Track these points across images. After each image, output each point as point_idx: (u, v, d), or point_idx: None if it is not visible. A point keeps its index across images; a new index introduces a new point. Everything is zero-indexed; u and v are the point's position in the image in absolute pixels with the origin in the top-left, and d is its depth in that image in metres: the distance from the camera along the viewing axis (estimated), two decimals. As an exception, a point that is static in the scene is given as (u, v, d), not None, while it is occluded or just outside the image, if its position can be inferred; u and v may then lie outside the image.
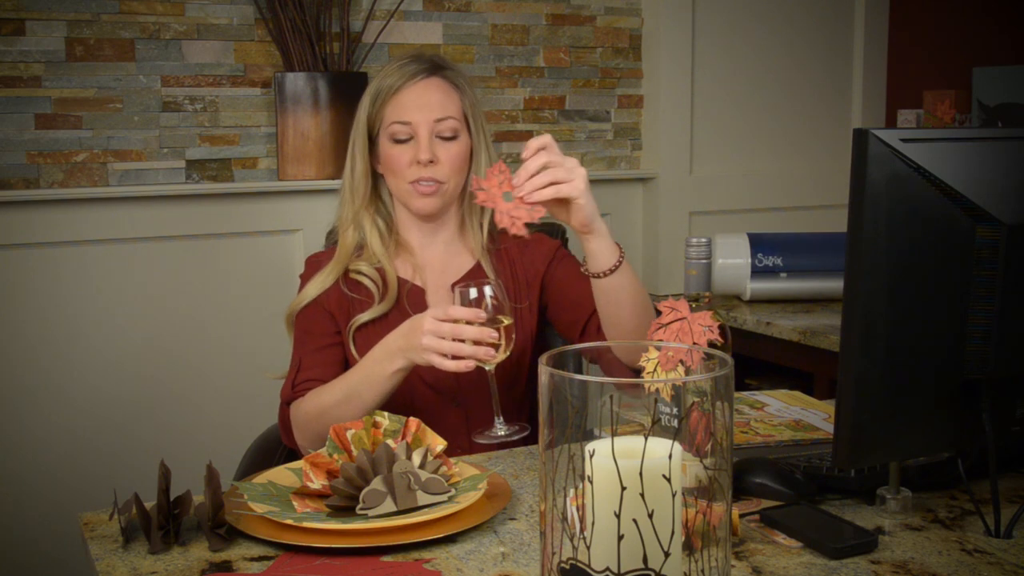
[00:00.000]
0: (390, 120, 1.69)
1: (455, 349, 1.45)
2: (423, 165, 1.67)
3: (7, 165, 2.41)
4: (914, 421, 1.18)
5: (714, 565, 0.83)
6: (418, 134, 1.68)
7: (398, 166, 1.69)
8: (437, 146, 1.69)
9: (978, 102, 2.95)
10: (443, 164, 1.69)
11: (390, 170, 1.71)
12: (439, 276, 1.76)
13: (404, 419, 1.36)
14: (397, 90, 1.69)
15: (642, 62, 3.08)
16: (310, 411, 1.60)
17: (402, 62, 1.72)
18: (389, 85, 1.70)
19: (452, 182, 1.71)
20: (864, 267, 1.10)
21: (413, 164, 1.68)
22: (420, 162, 1.67)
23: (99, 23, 2.46)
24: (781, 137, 3.27)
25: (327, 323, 1.70)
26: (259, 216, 2.62)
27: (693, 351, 1.04)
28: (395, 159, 1.69)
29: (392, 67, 1.72)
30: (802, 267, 2.79)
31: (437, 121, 1.68)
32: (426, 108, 1.68)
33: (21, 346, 2.43)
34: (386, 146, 1.71)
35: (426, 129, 1.68)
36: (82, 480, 2.47)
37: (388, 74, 1.72)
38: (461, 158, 1.71)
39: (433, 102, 1.69)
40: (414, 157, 1.68)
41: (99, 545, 1.20)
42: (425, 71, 1.71)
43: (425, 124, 1.68)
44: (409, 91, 1.69)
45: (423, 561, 1.14)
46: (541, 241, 1.84)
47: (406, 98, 1.69)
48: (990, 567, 1.11)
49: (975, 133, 1.25)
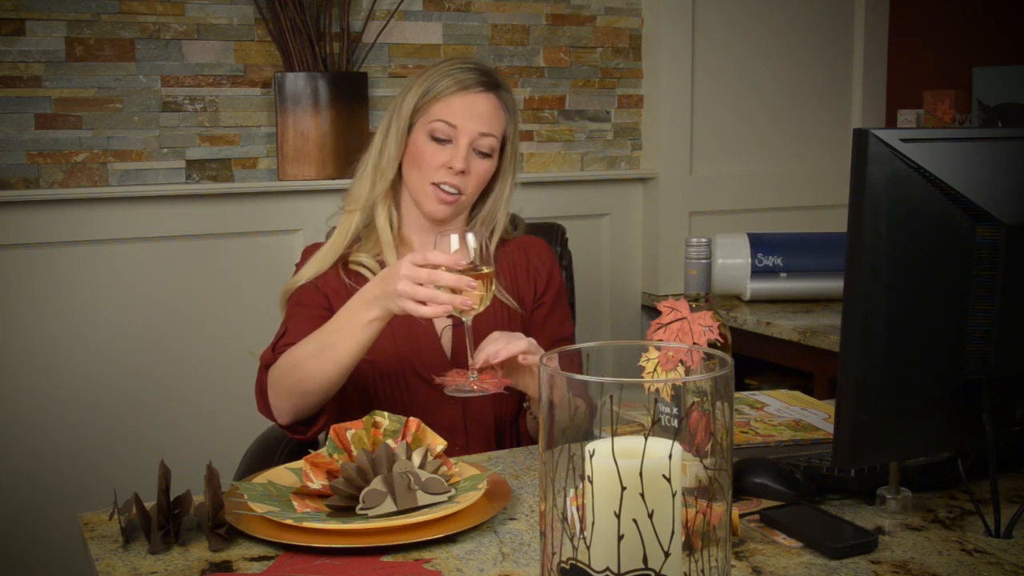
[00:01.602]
0: (436, 116, 1.68)
1: (430, 296, 1.40)
2: (454, 172, 1.67)
3: (7, 165, 2.41)
4: (914, 421, 1.18)
5: (714, 565, 0.83)
6: (458, 140, 1.68)
7: (428, 164, 1.68)
8: (471, 158, 1.69)
9: (978, 102, 2.95)
10: (471, 177, 1.69)
11: (417, 164, 1.70)
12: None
13: (404, 419, 1.36)
14: (453, 92, 1.69)
15: (642, 62, 3.08)
16: (283, 366, 1.55)
17: (465, 66, 1.71)
18: (446, 87, 1.69)
19: (470, 196, 1.72)
20: (864, 267, 1.10)
21: (444, 168, 1.67)
22: (452, 168, 1.67)
23: (99, 23, 2.46)
24: (781, 137, 3.27)
25: (321, 300, 1.69)
26: (259, 216, 2.62)
27: (693, 351, 1.04)
28: (428, 156, 1.68)
29: (453, 66, 1.71)
30: (802, 267, 2.79)
31: (481, 135, 1.69)
32: (476, 119, 1.68)
33: (21, 346, 2.43)
34: (421, 140, 1.69)
35: (467, 138, 1.68)
36: (82, 480, 2.46)
37: (447, 73, 1.70)
38: (487, 176, 1.72)
39: (484, 115, 1.69)
40: (447, 162, 1.67)
41: (99, 545, 1.20)
42: (486, 84, 1.71)
43: (469, 134, 1.68)
44: (465, 97, 1.69)
45: (423, 561, 1.14)
46: (543, 247, 1.85)
47: (459, 103, 1.68)
48: (990, 567, 1.11)
49: (975, 133, 1.25)
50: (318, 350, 1.51)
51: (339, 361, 1.50)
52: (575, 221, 2.79)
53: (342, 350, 1.49)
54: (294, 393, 1.54)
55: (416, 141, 1.70)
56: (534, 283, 1.80)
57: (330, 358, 1.50)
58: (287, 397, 1.56)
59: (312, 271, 1.71)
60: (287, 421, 1.59)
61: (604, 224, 3.07)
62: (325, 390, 1.53)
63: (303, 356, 1.53)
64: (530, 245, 1.84)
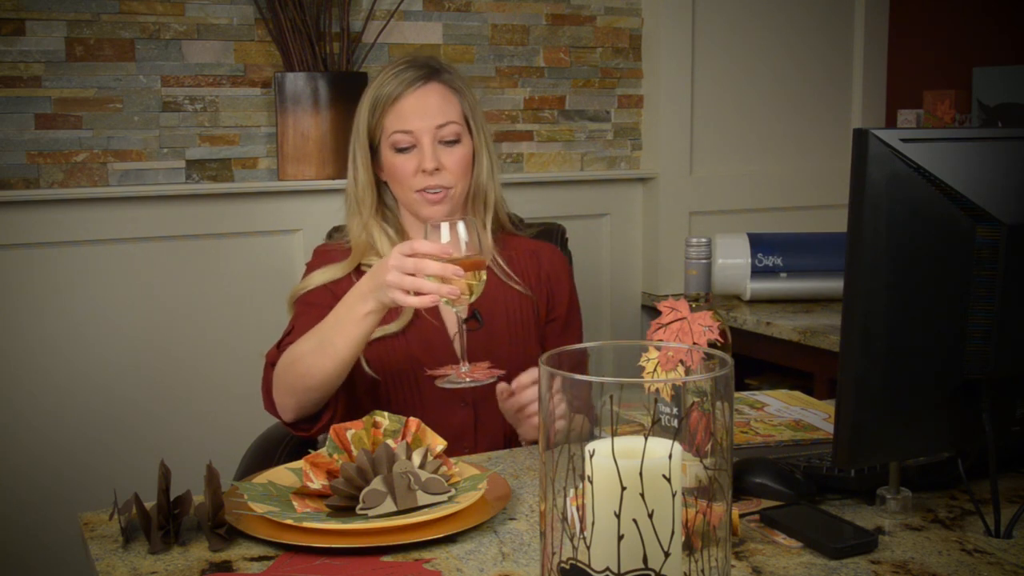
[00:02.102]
0: (391, 130, 1.67)
1: (416, 285, 1.39)
2: (428, 174, 1.66)
3: (7, 165, 2.41)
4: (914, 421, 1.18)
5: (714, 565, 0.83)
6: (420, 142, 1.66)
7: (403, 176, 1.68)
8: (441, 152, 1.67)
9: (978, 102, 2.95)
10: (448, 170, 1.68)
11: (395, 180, 1.70)
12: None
13: (404, 419, 1.36)
14: (396, 98, 1.67)
15: (642, 62, 3.08)
16: (285, 362, 1.56)
17: (398, 68, 1.69)
18: (387, 94, 1.68)
19: (458, 187, 1.70)
20: (864, 267, 1.10)
21: (418, 173, 1.66)
22: (425, 171, 1.66)
23: (99, 23, 2.46)
24: (781, 137, 3.27)
25: (331, 300, 1.66)
26: (259, 216, 2.62)
27: (693, 351, 1.04)
28: (399, 168, 1.68)
29: (389, 74, 1.69)
30: (802, 267, 2.79)
31: (439, 127, 1.67)
32: (427, 115, 1.67)
33: (21, 346, 2.43)
34: (389, 156, 1.69)
35: (428, 136, 1.66)
36: (82, 480, 2.46)
37: (385, 82, 1.69)
38: (465, 162, 1.70)
39: (433, 108, 1.67)
40: (418, 166, 1.66)
41: (99, 545, 1.20)
42: (423, 77, 1.68)
43: (427, 132, 1.66)
44: (408, 99, 1.67)
45: (423, 561, 1.14)
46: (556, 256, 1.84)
47: (405, 106, 1.67)
48: (990, 567, 1.11)
49: (975, 133, 1.25)
50: (317, 346, 1.51)
51: (337, 356, 1.49)
52: (575, 221, 2.79)
53: (340, 345, 1.49)
54: (296, 389, 1.54)
55: (386, 159, 1.70)
56: (548, 294, 1.80)
57: (328, 353, 1.50)
58: (290, 393, 1.56)
59: (324, 277, 1.70)
60: (291, 418, 1.59)
61: (604, 224, 3.07)
62: (325, 386, 1.53)
63: (303, 352, 1.53)
64: (541, 250, 1.83)
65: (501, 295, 1.74)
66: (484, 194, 1.76)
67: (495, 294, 1.73)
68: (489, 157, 1.75)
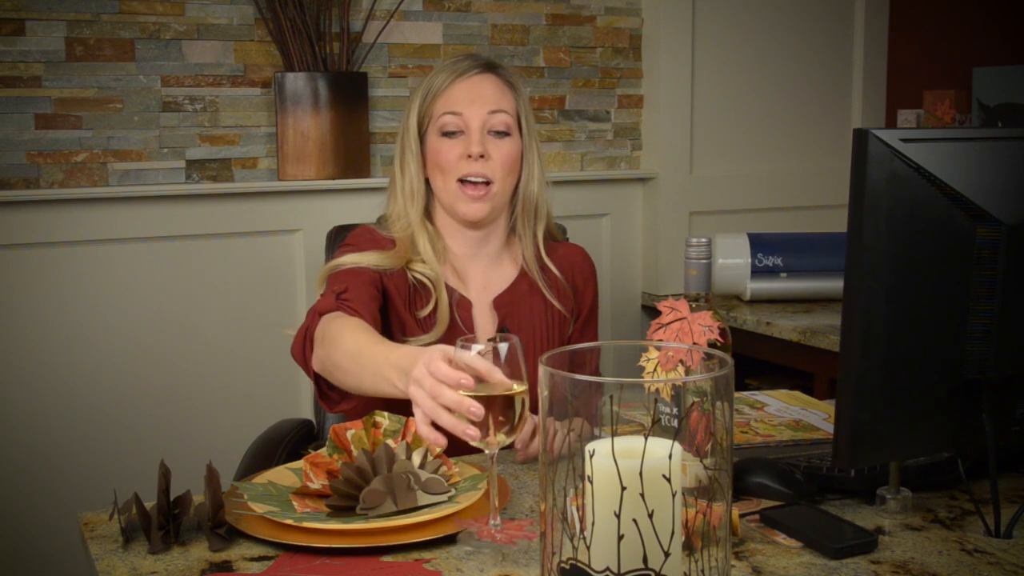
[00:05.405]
0: (440, 112, 1.63)
1: (433, 413, 1.16)
2: (474, 159, 1.60)
3: (7, 165, 2.41)
4: (914, 421, 1.18)
5: (714, 565, 0.83)
6: (469, 127, 1.62)
7: (447, 161, 1.62)
8: (489, 142, 1.62)
9: (978, 102, 2.95)
10: (494, 161, 1.62)
11: (438, 167, 1.64)
12: (481, 292, 1.70)
13: (404, 419, 1.36)
14: (448, 85, 1.63)
15: (642, 62, 3.08)
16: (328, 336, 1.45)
17: (454, 60, 1.67)
18: (441, 82, 1.64)
19: (501, 184, 1.64)
20: (864, 267, 1.10)
21: (463, 159, 1.61)
22: (471, 156, 1.60)
23: (99, 23, 2.46)
24: (781, 137, 3.27)
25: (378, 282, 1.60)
26: (259, 216, 2.62)
27: (693, 351, 1.04)
28: (444, 153, 1.62)
29: (444, 65, 1.67)
30: (802, 267, 2.79)
31: (490, 113, 1.62)
32: (479, 100, 1.62)
33: (21, 346, 2.43)
34: (434, 141, 1.64)
35: (478, 122, 1.61)
36: (82, 480, 2.46)
37: (439, 71, 1.66)
38: (512, 158, 1.64)
39: (488, 94, 1.63)
40: (464, 151, 1.61)
41: (99, 545, 1.20)
42: (479, 67, 1.65)
43: (477, 117, 1.61)
44: (461, 84, 1.63)
45: (423, 561, 1.14)
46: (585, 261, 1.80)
47: (458, 91, 1.63)
48: (990, 567, 1.11)
49: (975, 133, 1.25)
50: (351, 364, 1.40)
51: (362, 388, 1.41)
52: (575, 221, 2.79)
53: (367, 386, 1.39)
54: (325, 365, 1.46)
55: (431, 145, 1.64)
56: (575, 298, 1.77)
57: (354, 380, 1.40)
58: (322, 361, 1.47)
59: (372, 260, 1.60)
60: (319, 368, 1.49)
61: (604, 224, 3.07)
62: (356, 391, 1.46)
63: (339, 358, 1.43)
64: (574, 254, 1.80)
65: (540, 307, 1.72)
66: (535, 204, 1.71)
67: (534, 305, 1.71)
68: (540, 164, 1.69)
